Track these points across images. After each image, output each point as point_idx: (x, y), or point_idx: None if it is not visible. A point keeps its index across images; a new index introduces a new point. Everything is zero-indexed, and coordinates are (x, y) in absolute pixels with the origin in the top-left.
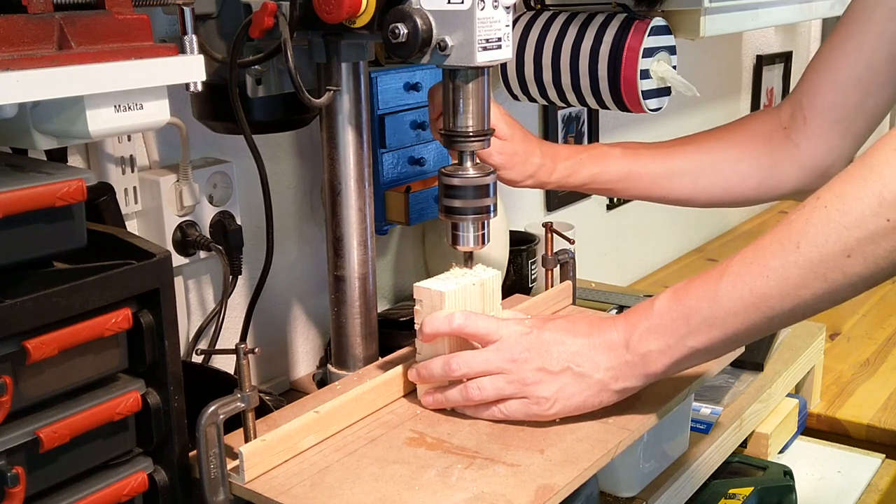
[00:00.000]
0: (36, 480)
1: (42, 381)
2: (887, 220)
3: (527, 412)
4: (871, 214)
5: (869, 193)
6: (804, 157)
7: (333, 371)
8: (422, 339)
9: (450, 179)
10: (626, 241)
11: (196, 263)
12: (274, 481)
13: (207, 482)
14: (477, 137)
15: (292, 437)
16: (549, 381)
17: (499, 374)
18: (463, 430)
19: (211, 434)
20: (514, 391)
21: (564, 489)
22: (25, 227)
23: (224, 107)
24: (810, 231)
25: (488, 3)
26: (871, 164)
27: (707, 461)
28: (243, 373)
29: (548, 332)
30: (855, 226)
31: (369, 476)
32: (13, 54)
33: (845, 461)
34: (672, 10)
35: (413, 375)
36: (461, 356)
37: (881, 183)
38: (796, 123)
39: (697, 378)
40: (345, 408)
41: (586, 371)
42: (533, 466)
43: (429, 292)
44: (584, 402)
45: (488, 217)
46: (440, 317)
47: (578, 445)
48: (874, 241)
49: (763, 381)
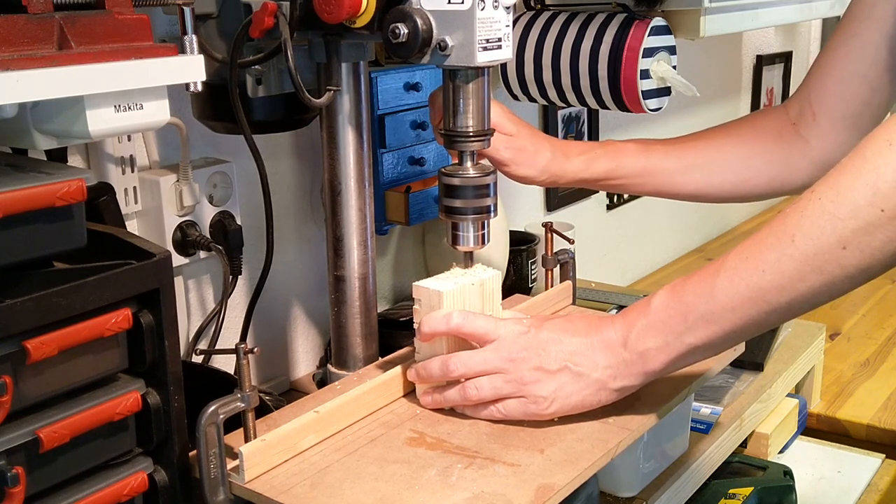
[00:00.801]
0: (36, 480)
1: (42, 381)
2: (882, 211)
3: (525, 411)
4: (866, 205)
5: (863, 184)
6: (814, 152)
7: (333, 371)
8: (420, 339)
9: (450, 179)
10: (626, 241)
11: (196, 263)
12: (274, 481)
13: (207, 482)
14: (477, 137)
15: (292, 437)
16: (546, 381)
17: (497, 373)
18: (463, 429)
19: (211, 434)
20: (512, 391)
21: (564, 489)
22: (25, 227)
23: (224, 107)
24: (805, 223)
25: (488, 3)
26: (865, 155)
27: (707, 461)
28: (243, 373)
29: (545, 331)
30: (849, 217)
31: (369, 476)
32: (13, 54)
33: (845, 461)
34: (672, 10)
35: (412, 375)
36: (459, 356)
37: (875, 173)
38: (805, 119)
39: (697, 378)
40: (345, 408)
41: (584, 370)
42: (533, 466)
43: (427, 292)
44: (582, 401)
45: (488, 217)
46: (438, 316)
47: (578, 445)
48: (869, 232)
49: (763, 381)
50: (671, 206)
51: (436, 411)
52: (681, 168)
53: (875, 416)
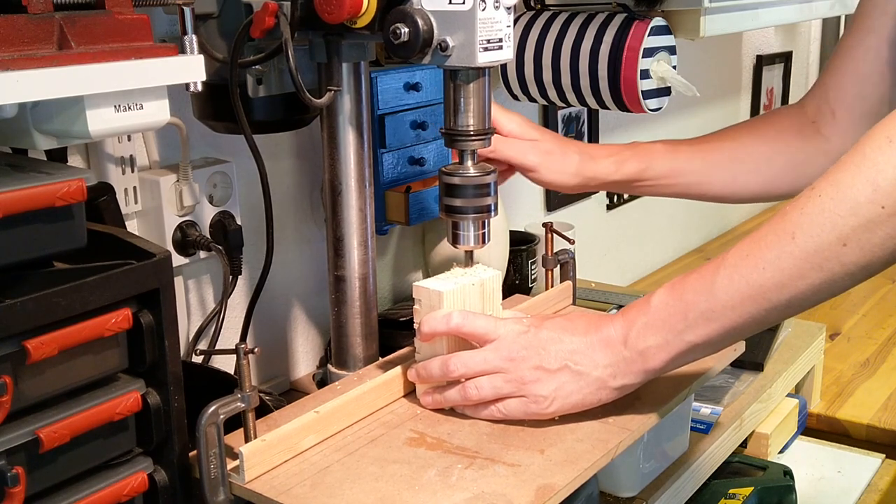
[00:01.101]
0: (36, 480)
1: (42, 381)
2: (882, 207)
3: (525, 411)
4: (866, 202)
5: (863, 180)
6: (836, 150)
7: (333, 371)
8: (420, 339)
9: (450, 178)
10: (626, 241)
11: (196, 263)
12: (274, 481)
13: (207, 482)
14: (477, 136)
15: (292, 437)
16: (546, 380)
17: (497, 373)
18: (463, 430)
19: (211, 434)
20: (513, 390)
21: (564, 489)
22: (25, 227)
23: (224, 107)
24: (805, 221)
25: (489, 3)
26: (865, 152)
27: (707, 461)
28: (243, 373)
29: (545, 330)
30: (849, 213)
31: (369, 476)
32: (13, 54)
33: (845, 461)
34: (672, 10)
35: (412, 376)
36: (459, 356)
37: (875, 170)
38: (825, 118)
39: (698, 378)
40: (345, 408)
41: (584, 369)
42: (533, 466)
43: (427, 292)
44: (582, 399)
45: (489, 216)
46: (438, 316)
47: (578, 445)
48: (869, 229)
49: (763, 381)
50: (671, 207)
51: (436, 411)
52: (707, 168)
53: (875, 416)
